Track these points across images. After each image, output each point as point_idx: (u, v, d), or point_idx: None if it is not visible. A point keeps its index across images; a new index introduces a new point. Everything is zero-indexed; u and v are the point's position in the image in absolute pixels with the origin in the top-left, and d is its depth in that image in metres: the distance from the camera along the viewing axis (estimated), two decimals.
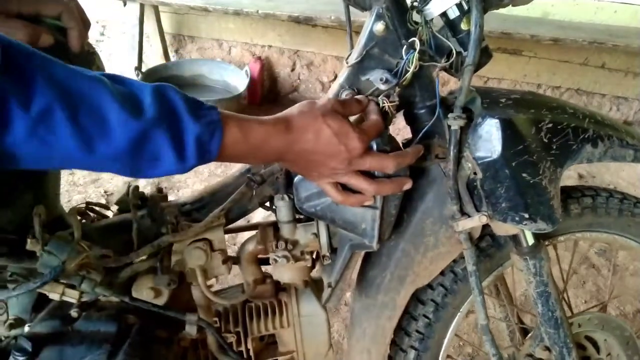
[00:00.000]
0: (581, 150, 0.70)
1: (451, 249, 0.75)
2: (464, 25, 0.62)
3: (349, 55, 0.68)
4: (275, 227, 0.78)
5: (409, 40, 0.63)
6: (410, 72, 0.63)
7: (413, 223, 0.73)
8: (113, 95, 0.45)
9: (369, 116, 0.62)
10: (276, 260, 0.75)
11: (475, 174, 0.68)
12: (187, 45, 3.20)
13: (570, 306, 1.03)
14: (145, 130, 0.46)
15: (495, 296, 1.03)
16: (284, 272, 0.80)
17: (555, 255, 0.94)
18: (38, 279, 0.60)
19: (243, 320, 0.82)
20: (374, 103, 0.64)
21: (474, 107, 0.68)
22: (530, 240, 0.75)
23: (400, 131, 0.73)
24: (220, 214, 0.72)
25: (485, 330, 0.76)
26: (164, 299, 0.72)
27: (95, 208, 0.78)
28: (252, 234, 0.80)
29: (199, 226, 0.71)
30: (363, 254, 0.82)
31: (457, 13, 0.62)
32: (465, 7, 0.61)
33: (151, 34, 2.97)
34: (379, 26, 0.63)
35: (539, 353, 0.85)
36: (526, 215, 0.67)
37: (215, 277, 0.76)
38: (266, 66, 3.03)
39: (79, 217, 0.69)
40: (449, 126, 0.65)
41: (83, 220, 0.74)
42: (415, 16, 0.64)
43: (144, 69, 2.74)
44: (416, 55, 0.62)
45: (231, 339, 0.81)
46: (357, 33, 0.68)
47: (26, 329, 0.67)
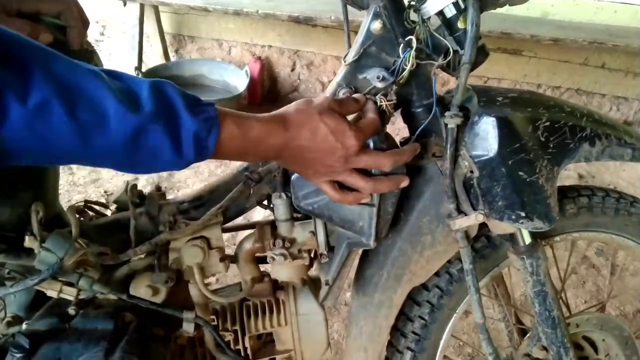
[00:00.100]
0: (579, 149, 0.71)
1: (448, 248, 0.75)
2: (460, 24, 0.62)
3: (347, 54, 0.69)
4: (272, 226, 0.78)
5: (406, 39, 0.63)
6: (407, 70, 0.63)
7: (410, 221, 0.73)
8: (111, 89, 0.45)
9: (366, 114, 0.62)
10: (274, 259, 0.75)
11: (472, 172, 0.68)
12: (187, 45, 3.20)
13: (568, 306, 1.03)
14: (143, 125, 0.46)
15: (494, 297, 1.03)
16: (282, 271, 0.80)
17: (553, 256, 0.94)
18: (36, 276, 0.61)
19: (240, 319, 0.82)
20: (371, 102, 0.64)
21: (471, 106, 0.68)
22: (527, 239, 0.75)
23: (400, 131, 0.73)
24: (217, 212, 0.72)
25: (482, 329, 0.76)
26: (161, 296, 0.72)
27: (93, 206, 0.79)
28: (250, 233, 0.80)
29: (196, 224, 0.71)
30: (360, 253, 0.82)
31: (454, 12, 0.62)
32: (462, 6, 0.61)
33: (151, 34, 2.97)
34: (376, 25, 0.63)
35: (536, 353, 0.85)
36: (523, 214, 0.67)
37: (214, 276, 0.76)
38: (266, 66, 3.04)
39: (77, 215, 0.69)
40: (446, 124, 0.65)
41: (81, 219, 0.74)
42: (413, 15, 0.65)
43: (144, 69, 2.75)
44: (413, 53, 0.62)
45: (228, 337, 0.81)
46: (355, 32, 0.68)
47: (24, 326, 0.67)
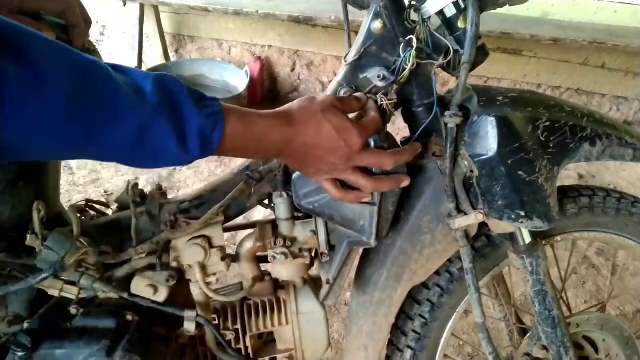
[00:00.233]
0: (579, 148, 0.71)
1: (448, 247, 0.75)
2: (460, 24, 0.62)
3: (347, 53, 0.69)
4: (273, 225, 0.78)
5: (406, 38, 0.63)
6: (408, 70, 0.63)
7: (410, 221, 0.73)
8: (117, 83, 0.44)
9: (367, 113, 0.63)
10: (275, 258, 0.75)
11: (471, 171, 0.68)
12: (187, 45, 3.21)
13: (569, 306, 1.04)
14: (148, 119, 0.46)
15: (494, 296, 1.03)
16: (283, 270, 0.80)
17: (554, 256, 0.94)
18: (37, 275, 0.61)
19: (242, 318, 0.83)
20: (372, 101, 0.64)
21: (471, 105, 0.68)
22: (527, 239, 0.75)
23: (400, 131, 0.74)
24: (218, 211, 0.72)
25: (482, 328, 0.76)
26: (162, 295, 0.72)
27: (94, 206, 0.79)
28: (251, 232, 0.80)
29: (197, 223, 0.71)
30: (361, 252, 0.82)
31: (454, 11, 0.62)
32: (462, 6, 0.61)
33: (151, 34, 2.98)
34: (377, 24, 0.63)
35: (536, 352, 0.86)
36: (522, 213, 0.67)
37: (214, 275, 0.76)
38: (266, 66, 3.04)
39: (78, 215, 0.69)
40: (446, 124, 0.65)
41: (82, 218, 0.75)
42: (413, 15, 0.65)
43: (144, 69, 2.75)
44: (413, 52, 0.62)
45: (230, 336, 0.81)
46: (356, 32, 0.68)
47: (25, 325, 0.67)
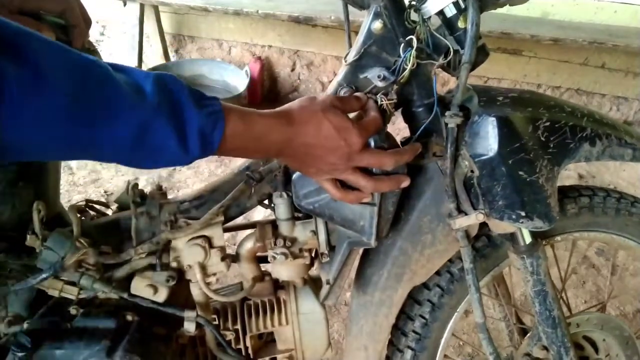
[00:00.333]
0: (579, 148, 0.71)
1: (448, 247, 0.75)
2: (460, 24, 0.62)
3: (347, 53, 0.69)
4: (273, 225, 0.78)
5: (406, 39, 0.63)
6: (408, 70, 0.63)
7: (410, 221, 0.73)
8: (117, 82, 0.44)
9: (367, 113, 0.63)
10: (275, 258, 0.75)
11: (472, 171, 0.68)
12: (187, 45, 3.21)
13: (569, 306, 1.04)
14: (149, 118, 0.45)
15: (494, 296, 1.03)
16: (283, 270, 0.80)
17: (554, 256, 0.94)
18: (37, 275, 0.61)
19: (242, 318, 0.83)
20: (372, 101, 0.64)
21: (471, 105, 0.68)
22: (528, 239, 0.75)
23: (400, 131, 0.74)
24: (218, 211, 0.72)
25: (482, 328, 0.76)
26: (162, 295, 0.72)
27: (94, 206, 0.79)
28: (251, 232, 0.80)
29: (197, 223, 0.71)
30: (361, 252, 0.82)
31: (454, 11, 0.62)
32: (462, 6, 0.61)
33: (151, 34, 2.97)
34: (377, 24, 0.63)
35: (536, 352, 0.86)
36: (523, 213, 0.67)
37: (214, 275, 0.76)
38: (266, 66, 3.04)
39: (78, 215, 0.69)
40: (446, 124, 0.65)
41: (82, 218, 0.75)
42: (413, 15, 0.65)
43: (144, 69, 2.74)
44: (413, 53, 0.62)
45: (230, 336, 0.81)
46: (356, 33, 0.68)
47: (25, 325, 0.67)
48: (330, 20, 2.33)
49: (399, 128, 0.83)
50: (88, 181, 2.26)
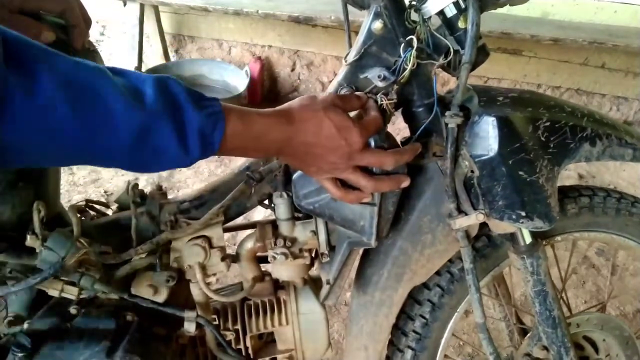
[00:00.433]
0: (579, 148, 0.71)
1: (448, 247, 0.75)
2: (461, 24, 0.62)
3: (348, 53, 0.69)
4: (274, 225, 0.78)
5: (406, 39, 0.63)
6: (408, 70, 0.63)
7: (411, 221, 0.73)
8: (116, 86, 0.44)
9: (368, 112, 0.63)
10: (275, 258, 0.75)
11: (472, 171, 0.68)
12: (187, 45, 3.21)
13: (569, 306, 1.04)
14: (148, 121, 0.46)
15: (495, 296, 1.03)
16: (283, 270, 0.80)
17: (554, 256, 0.94)
18: (37, 275, 0.61)
19: (242, 318, 0.83)
20: (372, 100, 0.64)
21: (471, 105, 0.68)
22: (528, 239, 0.75)
23: (400, 131, 0.74)
24: (218, 211, 0.72)
25: (482, 328, 0.76)
26: (162, 296, 0.72)
27: (94, 206, 0.79)
28: (251, 232, 0.80)
29: (197, 223, 0.71)
30: (361, 252, 0.82)
31: (454, 11, 0.62)
32: (462, 6, 0.61)
33: (151, 34, 2.97)
34: (377, 24, 0.63)
35: (536, 352, 0.86)
36: (523, 213, 0.67)
37: (215, 275, 0.76)
38: (266, 66, 3.04)
39: (78, 215, 0.69)
40: (446, 124, 0.65)
41: (82, 218, 0.75)
42: (413, 15, 0.65)
43: (144, 69, 2.75)
44: (414, 53, 0.62)
45: (230, 336, 0.81)
46: (356, 32, 0.68)
47: (25, 325, 0.67)
48: (330, 20, 2.33)
49: (399, 128, 0.83)
50: (88, 181, 2.26)
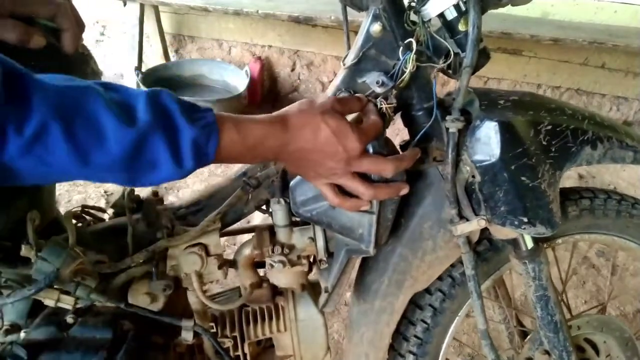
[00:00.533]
0: (580, 152, 0.70)
1: (449, 253, 0.75)
2: (461, 26, 0.61)
3: (346, 55, 0.68)
4: (271, 231, 0.77)
5: (406, 41, 0.62)
6: (407, 73, 0.62)
7: (411, 227, 0.72)
8: (107, 104, 0.45)
9: (367, 116, 0.62)
10: (272, 265, 0.74)
11: (473, 177, 0.67)
12: (187, 45, 3.19)
13: (569, 307, 1.03)
14: (141, 137, 0.46)
15: (494, 298, 1.03)
16: (281, 277, 0.79)
17: (554, 257, 0.93)
18: (33, 286, 0.60)
19: (240, 325, 0.82)
20: (372, 104, 0.63)
21: (472, 109, 0.67)
22: (530, 244, 0.74)
23: (400, 131, 0.73)
24: (215, 218, 0.71)
25: (484, 334, 0.75)
26: (159, 304, 0.71)
27: (91, 211, 0.78)
28: (249, 238, 0.79)
29: (194, 231, 0.70)
30: (360, 259, 0.81)
31: (455, 14, 0.61)
32: (463, 8, 0.60)
33: (151, 34, 2.96)
34: (376, 27, 0.62)
35: (538, 357, 0.85)
36: (525, 219, 0.66)
37: (212, 282, 0.75)
38: (266, 66, 3.02)
39: (74, 221, 0.68)
40: (447, 129, 0.64)
41: (79, 224, 0.74)
42: (413, 17, 0.64)
43: (144, 69, 2.73)
44: (413, 56, 0.61)
45: (228, 343, 0.80)
46: (355, 33, 0.67)
47: (22, 334, 0.67)
48: (330, 21, 2.31)
49: (398, 128, 0.82)
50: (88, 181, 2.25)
